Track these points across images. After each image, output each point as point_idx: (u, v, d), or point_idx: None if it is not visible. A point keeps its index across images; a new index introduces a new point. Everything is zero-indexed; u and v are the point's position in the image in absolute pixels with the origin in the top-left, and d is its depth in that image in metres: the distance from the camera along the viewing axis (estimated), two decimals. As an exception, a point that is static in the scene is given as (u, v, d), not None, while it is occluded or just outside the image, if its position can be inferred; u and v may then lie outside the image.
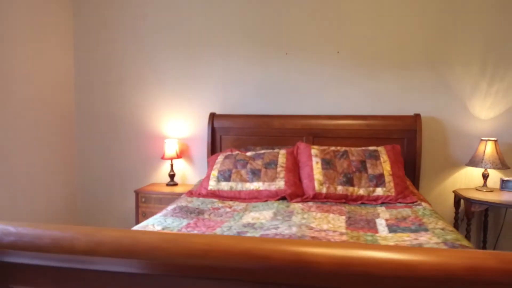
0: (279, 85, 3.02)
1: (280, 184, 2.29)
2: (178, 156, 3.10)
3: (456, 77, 2.80)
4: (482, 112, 2.79)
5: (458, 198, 2.71)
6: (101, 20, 3.25)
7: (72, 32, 3.31)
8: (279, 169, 2.38)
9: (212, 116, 3.03)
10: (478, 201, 2.50)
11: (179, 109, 3.21)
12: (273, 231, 1.67)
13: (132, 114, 3.30)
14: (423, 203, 2.17)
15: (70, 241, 0.87)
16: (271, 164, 2.41)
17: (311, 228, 1.72)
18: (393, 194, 2.24)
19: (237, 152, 2.63)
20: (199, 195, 2.37)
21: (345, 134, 2.81)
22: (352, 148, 2.50)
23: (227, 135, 3.01)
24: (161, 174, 3.28)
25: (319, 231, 1.70)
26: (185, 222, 1.84)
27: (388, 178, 2.30)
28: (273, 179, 2.32)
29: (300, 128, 2.87)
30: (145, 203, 2.96)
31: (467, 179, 2.83)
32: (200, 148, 3.20)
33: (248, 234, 1.64)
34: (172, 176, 3.14)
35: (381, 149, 2.49)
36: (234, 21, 3.05)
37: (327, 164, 2.36)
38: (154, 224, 1.78)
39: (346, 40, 2.90)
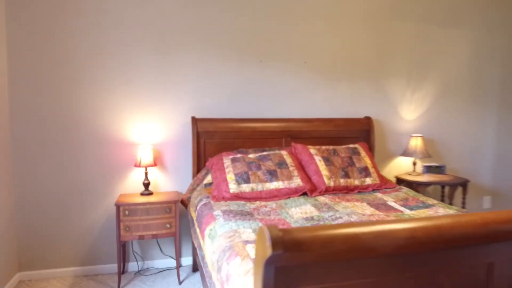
0: (254, 90, 3.24)
1: (297, 181, 2.57)
2: (154, 164, 2.99)
3: (390, 87, 3.56)
4: (408, 114, 3.63)
5: (399, 181, 3.47)
6: (47, 13, 2.82)
7: (4, 24, 2.75)
8: (291, 168, 2.65)
9: (196, 121, 3.04)
10: (410, 182, 3.30)
11: (150, 113, 3.07)
12: (341, 220, 1.98)
13: (90, 119, 2.97)
14: (402, 187, 2.79)
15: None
16: (282, 164, 2.66)
17: (363, 214, 2.09)
18: (378, 182, 2.80)
19: (239, 155, 2.76)
20: (224, 198, 2.44)
21: (317, 135, 3.25)
22: (337, 147, 2.96)
23: (211, 139, 3.07)
24: (129, 184, 3.07)
25: (368, 216, 2.09)
26: (253, 223, 1.96)
27: (371, 169, 2.85)
28: (290, 177, 2.58)
29: (280, 131, 3.18)
30: (129, 216, 2.77)
31: (400, 166, 3.65)
32: (175, 154, 3.15)
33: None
34: (146, 184, 3.00)
35: (358, 146, 3.03)
36: (210, 27, 3.11)
37: (327, 161, 2.76)
38: (237, 228, 1.84)
39: (312, 53, 3.33)
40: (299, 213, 2.17)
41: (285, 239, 0.92)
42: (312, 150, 2.85)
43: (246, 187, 2.50)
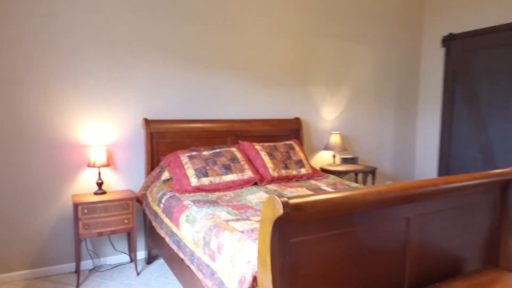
0: (201, 94, 3.56)
1: (249, 173, 2.99)
2: (108, 164, 3.13)
3: (314, 92, 4.19)
4: (328, 115, 4.30)
5: (323, 171, 4.10)
6: None
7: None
8: (242, 162, 3.05)
9: (148, 122, 3.25)
10: (332, 171, 3.95)
11: (101, 116, 3.20)
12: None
13: (39, 121, 2.99)
14: (329, 175, 3.39)
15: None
16: (234, 159, 3.05)
17: (308, 196, 2.59)
18: (311, 172, 3.36)
19: (194, 152, 3.07)
20: (187, 191, 2.73)
21: (257, 134, 3.71)
22: (277, 143, 3.45)
23: (163, 139, 3.31)
24: (80, 184, 3.16)
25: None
26: (223, 208, 2.31)
27: (305, 162, 3.40)
28: (242, 170, 2.98)
29: (225, 130, 3.55)
30: (88, 214, 2.88)
31: (323, 159, 4.30)
32: (126, 154, 3.31)
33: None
34: (100, 184, 3.12)
35: (293, 142, 3.56)
36: (159, 35, 3.34)
37: (270, 155, 3.23)
38: (214, 212, 2.18)
39: (251, 61, 3.77)
40: (256, 199, 2.58)
41: (290, 202, 1.33)
42: (258, 146, 3.29)
43: (205, 180, 2.84)
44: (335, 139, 4.12)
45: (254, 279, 1.54)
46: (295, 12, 3.97)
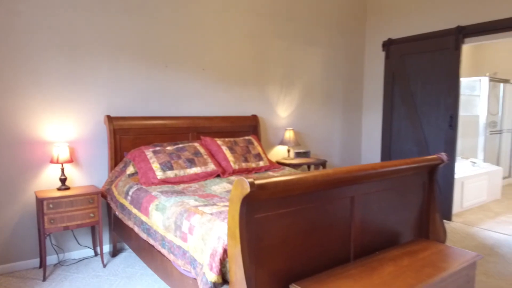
0: (163, 91, 3.71)
1: (212, 166, 3.20)
2: (71, 160, 3.20)
3: (269, 91, 4.48)
4: (282, 112, 4.62)
5: (279, 164, 4.41)
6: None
7: None
8: (205, 156, 3.25)
9: (111, 119, 3.35)
10: (287, 164, 4.27)
11: (63, 113, 3.25)
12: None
13: (-2, 118, 3.01)
14: (285, 167, 3.69)
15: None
16: (198, 153, 3.24)
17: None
18: (268, 164, 3.64)
19: (158, 148, 3.22)
20: (153, 183, 2.89)
21: (217, 130, 3.92)
22: (237, 138, 3.69)
23: (126, 135, 3.43)
24: (42, 181, 3.19)
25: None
26: (191, 197, 2.51)
27: (263, 155, 3.67)
28: (205, 164, 3.19)
29: (187, 127, 3.73)
30: (53, 209, 2.94)
31: (278, 153, 4.60)
32: (89, 150, 3.39)
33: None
34: (63, 180, 3.18)
35: (251, 138, 3.82)
36: (121, 35, 3.45)
37: (231, 149, 3.46)
38: (182, 200, 2.38)
39: (209, 61, 3.98)
40: (220, 189, 2.81)
41: (256, 182, 1.58)
42: (219, 141, 3.51)
43: (170, 173, 3.01)
44: (289, 134, 4.44)
45: (225, 251, 1.76)
46: (251, 15, 4.23)
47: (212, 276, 1.75)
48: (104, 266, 3.19)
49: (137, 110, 3.58)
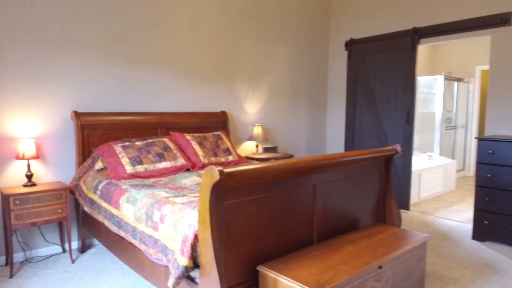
0: (132, 87, 3.73)
1: (181, 161, 3.27)
2: (37, 156, 3.17)
3: (237, 88, 4.59)
4: (251, 109, 4.74)
5: (248, 159, 4.53)
6: None
7: None
8: (174, 151, 3.32)
9: (78, 115, 3.34)
10: (256, 159, 4.41)
11: (30, 109, 3.21)
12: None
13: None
14: (253, 161, 3.82)
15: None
16: (167, 148, 3.30)
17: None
18: (237, 159, 3.75)
19: (127, 143, 3.26)
20: (123, 178, 2.93)
21: (187, 126, 3.99)
22: (206, 134, 3.78)
23: (94, 131, 3.43)
24: (7, 177, 3.14)
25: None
26: (162, 189, 2.58)
27: (232, 150, 3.78)
28: (175, 158, 3.25)
29: (156, 122, 3.77)
30: (20, 205, 2.91)
31: (247, 148, 4.72)
32: (55, 146, 3.37)
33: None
34: (29, 176, 3.15)
35: (220, 133, 3.91)
36: (89, 31, 3.44)
37: (201, 144, 3.54)
38: (153, 192, 2.44)
39: (178, 58, 4.03)
40: (190, 182, 2.89)
41: (225, 171, 1.69)
42: (188, 136, 3.58)
43: (140, 168, 3.05)
44: (257, 130, 4.57)
45: (195, 237, 1.86)
46: (219, 14, 4.33)
47: (184, 260, 1.85)
48: (73, 261, 3.19)
49: (105, 106, 3.59)
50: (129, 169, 3.00)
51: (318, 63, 5.50)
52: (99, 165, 3.22)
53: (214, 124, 4.24)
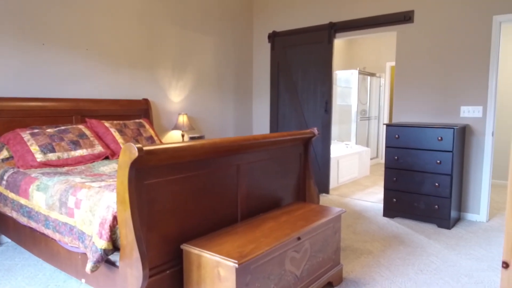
0: (41, 71, 3.44)
1: (99, 148, 3.09)
2: None
3: (161, 75, 4.48)
4: (175, 97, 4.66)
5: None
6: None
7: None
8: (91, 138, 3.13)
9: (-22, 99, 2.99)
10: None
11: None
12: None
13: None
14: (178, 149, 3.76)
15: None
16: (83, 135, 3.10)
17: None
18: (161, 146, 3.66)
19: (37, 130, 3.00)
20: (32, 166, 2.69)
21: (106, 113, 3.78)
22: (127, 121, 3.62)
23: (-2, 117, 3.10)
24: None
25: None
26: (77, 176, 2.43)
27: (155, 138, 3.68)
28: (92, 146, 3.07)
29: (70, 109, 3.52)
30: None
31: (173, 138, 4.63)
32: (-50, 135, 2.99)
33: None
34: None
35: (142, 121, 3.78)
36: (-12, 5, 3.09)
37: (121, 132, 3.39)
38: (67, 178, 2.28)
39: (94, 41, 3.80)
40: (109, 169, 2.76)
41: (144, 148, 1.65)
42: (107, 123, 3.41)
43: (52, 156, 2.84)
44: (182, 119, 4.51)
45: (114, 218, 1.79)
46: (140, -2, 4.17)
47: (102, 243, 1.77)
48: (-25, 262, 2.86)
49: (10, 90, 3.25)
50: (39, 157, 2.77)
51: (243, 54, 5.58)
52: (4, 154, 2.92)
53: (136, 112, 4.08)
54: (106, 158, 3.15)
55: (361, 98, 7.30)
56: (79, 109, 3.59)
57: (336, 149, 5.93)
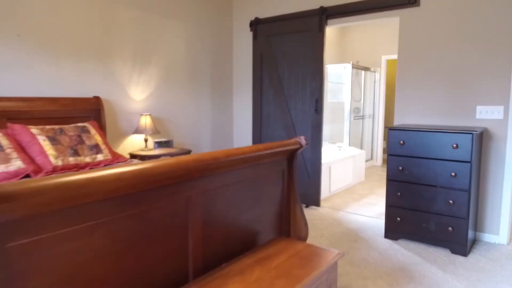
0: (-50, 63, 2.66)
1: (18, 163, 2.33)
2: None
3: (118, 69, 3.71)
4: (137, 95, 3.89)
5: (133, 156, 3.70)
6: None
7: None
8: (8, 150, 2.36)
9: None
10: (142, 156, 3.62)
11: None
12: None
13: None
14: (133, 159, 3.01)
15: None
16: (-4, 146, 2.34)
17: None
18: (110, 157, 2.91)
19: None
20: None
21: (40, 115, 3.01)
22: (65, 126, 2.86)
23: None
24: None
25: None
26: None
27: (103, 146, 2.93)
28: (7, 161, 2.31)
29: (-9, 111, 2.75)
30: None
31: (133, 144, 3.88)
32: None
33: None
34: None
35: (87, 124, 3.02)
36: None
37: (53, 140, 2.63)
38: None
39: (28, 26, 3.02)
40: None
41: (-11, 191, 0.91)
42: (34, 130, 2.64)
43: None
44: (145, 121, 3.76)
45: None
46: (88, -28, 3.39)
47: None
48: None
49: None
50: None
51: (221, 44, 4.83)
52: None
53: (84, 113, 3.32)
54: (26, 176, 2.39)
55: (355, 95, 6.61)
56: (3, 111, 2.81)
57: (328, 153, 5.23)
